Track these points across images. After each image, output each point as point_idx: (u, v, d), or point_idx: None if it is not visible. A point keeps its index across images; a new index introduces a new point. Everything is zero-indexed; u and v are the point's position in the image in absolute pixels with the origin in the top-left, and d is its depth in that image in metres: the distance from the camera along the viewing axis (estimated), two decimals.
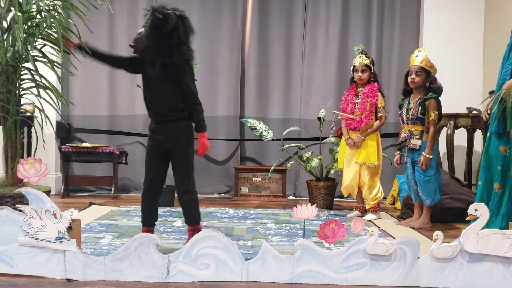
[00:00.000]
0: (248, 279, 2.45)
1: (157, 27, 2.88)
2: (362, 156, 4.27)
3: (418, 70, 3.89)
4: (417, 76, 3.89)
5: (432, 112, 3.85)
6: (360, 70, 4.30)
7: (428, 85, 3.89)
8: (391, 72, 5.65)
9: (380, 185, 4.35)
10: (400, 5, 5.70)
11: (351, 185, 4.33)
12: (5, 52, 3.15)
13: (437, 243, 2.42)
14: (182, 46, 2.90)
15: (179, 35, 2.88)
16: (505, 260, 2.43)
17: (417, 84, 3.90)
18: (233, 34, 5.68)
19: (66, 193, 5.32)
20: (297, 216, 2.58)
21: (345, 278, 2.44)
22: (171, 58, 2.89)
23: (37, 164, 2.55)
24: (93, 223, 3.85)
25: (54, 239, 2.41)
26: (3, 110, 3.29)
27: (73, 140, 5.63)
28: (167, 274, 2.43)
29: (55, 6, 3.36)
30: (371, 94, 4.27)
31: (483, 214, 2.40)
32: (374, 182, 4.29)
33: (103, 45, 5.63)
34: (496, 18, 5.23)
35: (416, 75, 3.90)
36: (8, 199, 3.18)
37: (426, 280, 2.44)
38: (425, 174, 3.89)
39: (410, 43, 5.63)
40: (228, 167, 5.69)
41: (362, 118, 4.28)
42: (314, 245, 2.46)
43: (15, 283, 2.37)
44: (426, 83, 3.90)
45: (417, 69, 3.89)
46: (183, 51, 2.91)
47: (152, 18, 2.89)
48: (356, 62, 4.33)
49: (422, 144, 3.89)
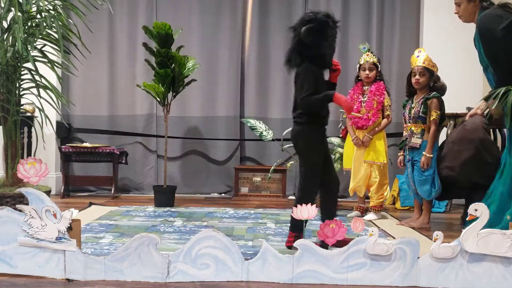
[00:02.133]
0: (248, 279, 2.45)
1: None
2: (371, 155, 4.26)
3: (422, 70, 3.89)
4: (421, 77, 3.89)
5: (434, 111, 3.85)
6: (368, 68, 4.28)
7: (432, 85, 3.89)
8: (391, 72, 5.65)
9: (388, 185, 4.35)
10: (400, 5, 5.70)
11: (359, 186, 4.33)
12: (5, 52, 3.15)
13: (437, 243, 2.42)
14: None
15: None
16: (505, 260, 2.43)
17: (422, 84, 3.91)
18: (233, 34, 5.68)
19: (66, 193, 5.32)
20: (297, 216, 2.59)
21: (345, 278, 2.44)
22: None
23: (37, 164, 2.55)
24: (93, 223, 3.85)
25: (54, 239, 2.41)
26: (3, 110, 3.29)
27: (73, 140, 5.63)
28: (167, 274, 2.43)
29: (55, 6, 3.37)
30: (378, 92, 4.26)
31: (483, 214, 2.40)
32: (383, 181, 4.29)
33: (103, 45, 5.66)
34: None
35: (420, 76, 3.90)
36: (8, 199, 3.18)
37: (426, 280, 2.44)
38: (422, 173, 3.89)
39: (410, 43, 5.63)
40: (228, 167, 5.69)
41: (369, 116, 4.26)
42: (314, 245, 2.46)
43: (15, 283, 2.37)
44: (430, 83, 3.90)
45: (421, 70, 3.89)
46: None
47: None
48: (363, 60, 4.32)
49: (423, 143, 3.89)
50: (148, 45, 4.83)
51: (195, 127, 5.73)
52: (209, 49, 5.66)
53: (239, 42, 5.68)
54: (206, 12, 5.66)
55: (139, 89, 5.15)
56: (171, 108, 4.98)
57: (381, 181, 4.28)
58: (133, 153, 5.66)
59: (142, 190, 5.68)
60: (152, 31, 4.65)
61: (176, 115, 5.55)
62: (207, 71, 5.62)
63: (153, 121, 5.68)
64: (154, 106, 5.62)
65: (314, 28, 2.97)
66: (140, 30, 5.08)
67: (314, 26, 2.98)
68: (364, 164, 4.29)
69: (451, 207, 4.96)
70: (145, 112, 5.69)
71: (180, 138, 5.70)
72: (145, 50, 4.86)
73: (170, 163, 5.54)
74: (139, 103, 5.68)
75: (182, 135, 5.70)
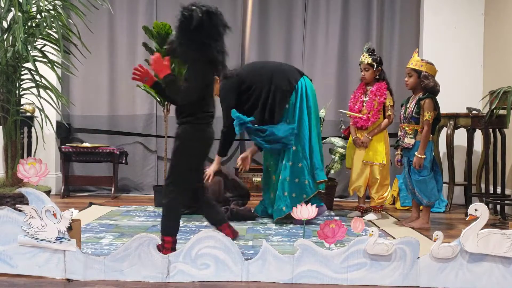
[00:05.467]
0: (248, 279, 2.45)
1: (183, 26, 2.72)
2: (370, 155, 4.26)
3: (409, 71, 3.93)
4: (409, 78, 3.94)
5: (426, 112, 3.85)
6: (363, 69, 4.29)
7: (424, 85, 3.88)
8: (391, 72, 5.64)
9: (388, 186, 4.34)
10: (400, 5, 5.70)
11: (358, 185, 4.32)
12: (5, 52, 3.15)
13: (437, 243, 2.42)
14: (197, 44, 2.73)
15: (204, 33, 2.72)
16: (505, 260, 2.43)
17: (411, 85, 3.94)
18: (233, 35, 5.65)
19: (66, 193, 5.32)
20: (297, 216, 2.59)
21: (345, 278, 2.45)
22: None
23: (37, 164, 2.55)
24: (93, 223, 3.85)
25: (54, 239, 2.41)
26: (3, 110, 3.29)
27: (73, 140, 5.63)
28: (167, 274, 2.43)
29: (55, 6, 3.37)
30: (379, 92, 4.25)
31: (483, 214, 2.40)
32: (384, 181, 4.29)
33: (103, 45, 5.66)
34: (496, 18, 5.23)
35: (408, 77, 3.95)
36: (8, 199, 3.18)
37: (426, 280, 2.44)
38: (419, 174, 3.89)
39: (410, 43, 5.63)
40: (228, 167, 5.69)
41: (369, 116, 4.26)
42: (314, 245, 2.46)
43: (15, 283, 2.37)
44: (421, 83, 3.90)
45: (408, 71, 3.95)
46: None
47: (179, 17, 2.73)
48: (360, 61, 4.33)
49: (416, 144, 3.89)
50: (148, 45, 4.82)
51: None
52: None
53: (239, 42, 5.68)
54: None
55: (139, 89, 5.15)
56: (171, 108, 4.98)
57: (382, 181, 4.27)
58: (133, 153, 5.67)
59: (142, 190, 5.68)
60: (152, 31, 4.65)
61: None
62: None
63: (153, 121, 5.68)
64: (154, 106, 5.63)
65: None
66: (140, 30, 5.08)
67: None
68: (363, 165, 4.29)
69: (451, 207, 4.96)
70: (145, 112, 5.69)
71: None
72: (145, 50, 4.86)
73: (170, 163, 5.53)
74: (139, 103, 5.68)
75: None
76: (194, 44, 2.71)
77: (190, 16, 2.68)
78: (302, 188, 3.97)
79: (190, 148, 2.80)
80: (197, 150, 2.85)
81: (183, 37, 2.71)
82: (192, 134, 2.80)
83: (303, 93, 4.06)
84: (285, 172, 4.00)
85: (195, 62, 2.77)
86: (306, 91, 4.09)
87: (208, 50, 2.74)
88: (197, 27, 2.66)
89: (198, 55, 2.74)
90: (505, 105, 4.13)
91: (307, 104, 4.08)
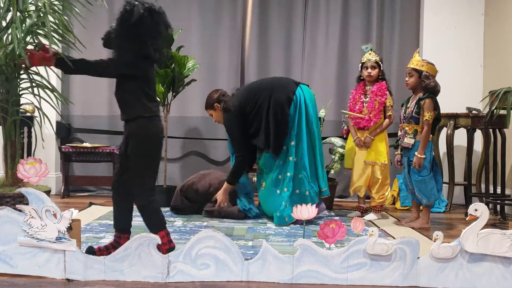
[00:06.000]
0: (248, 279, 2.45)
1: (123, 19, 2.68)
2: (372, 156, 4.26)
3: (410, 71, 3.93)
4: (409, 78, 3.93)
5: (426, 112, 3.85)
6: (370, 67, 4.27)
7: (424, 84, 3.88)
8: (391, 72, 5.64)
9: (389, 186, 4.34)
10: (400, 5, 5.70)
11: (359, 186, 4.32)
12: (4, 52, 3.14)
13: (437, 243, 2.42)
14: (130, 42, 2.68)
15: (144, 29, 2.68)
16: (505, 260, 2.43)
17: (411, 85, 3.94)
18: (233, 34, 5.68)
19: (66, 193, 5.31)
20: (297, 216, 2.59)
21: (345, 278, 2.44)
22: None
23: (37, 164, 2.55)
24: (93, 223, 3.85)
25: (54, 239, 2.41)
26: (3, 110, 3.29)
27: (73, 140, 5.63)
28: (167, 274, 2.43)
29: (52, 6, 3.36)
30: (379, 92, 4.25)
31: (483, 214, 2.40)
32: (385, 181, 4.29)
33: None
34: (496, 18, 5.23)
35: (408, 77, 3.95)
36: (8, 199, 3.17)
37: (426, 280, 2.44)
38: (418, 174, 3.89)
39: (410, 43, 5.63)
40: (228, 167, 5.66)
41: (371, 117, 4.25)
42: (314, 245, 2.46)
43: (15, 283, 2.37)
44: (422, 83, 3.90)
45: (409, 71, 3.94)
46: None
47: (121, 10, 2.71)
48: (365, 59, 4.31)
49: (415, 144, 3.89)
50: None
51: (195, 127, 5.72)
52: (209, 49, 5.65)
53: (239, 42, 5.68)
54: (206, 12, 5.66)
55: None
56: (171, 108, 4.98)
57: (383, 181, 4.27)
58: None
59: None
60: None
61: (176, 115, 5.55)
62: (207, 71, 5.61)
63: None
64: None
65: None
66: None
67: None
68: (364, 165, 4.29)
69: (451, 207, 4.96)
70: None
71: (180, 138, 5.69)
72: None
73: (170, 163, 5.53)
74: None
75: (182, 135, 5.70)
76: (131, 38, 2.67)
77: (131, 11, 2.66)
78: (303, 199, 3.93)
79: (151, 143, 2.72)
80: (159, 144, 2.79)
81: (121, 30, 2.68)
82: (150, 128, 2.70)
83: (301, 103, 4.05)
84: (285, 183, 4.01)
85: (127, 45, 2.70)
86: (305, 100, 4.07)
87: (145, 46, 2.70)
88: (136, 22, 2.64)
89: (132, 48, 2.69)
90: (505, 105, 4.13)
91: (307, 112, 4.07)
